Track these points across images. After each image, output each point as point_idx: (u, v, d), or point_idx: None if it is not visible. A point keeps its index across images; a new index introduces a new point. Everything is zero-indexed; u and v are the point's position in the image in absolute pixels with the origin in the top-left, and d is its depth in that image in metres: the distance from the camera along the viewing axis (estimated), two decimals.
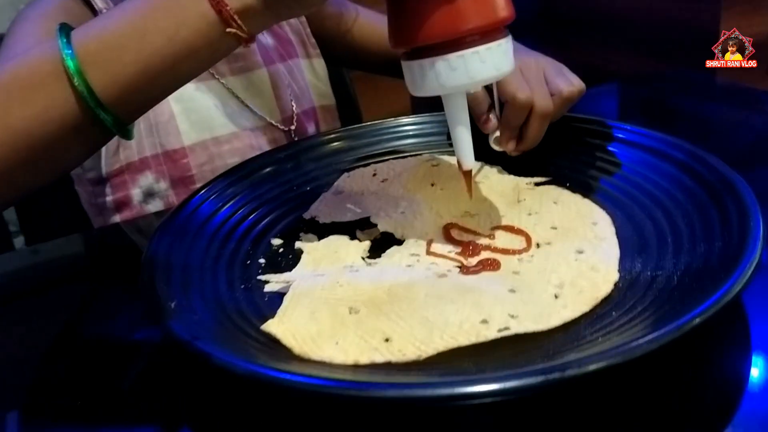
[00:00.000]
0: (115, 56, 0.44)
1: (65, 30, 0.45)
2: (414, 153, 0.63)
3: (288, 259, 0.51)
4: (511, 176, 0.58)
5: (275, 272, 0.49)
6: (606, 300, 0.42)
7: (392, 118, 0.65)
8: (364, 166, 0.63)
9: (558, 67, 0.58)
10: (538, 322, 0.40)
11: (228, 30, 0.43)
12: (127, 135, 0.47)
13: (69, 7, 0.64)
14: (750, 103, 0.71)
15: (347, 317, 0.41)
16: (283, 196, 0.59)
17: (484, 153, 0.60)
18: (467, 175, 0.49)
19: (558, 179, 0.57)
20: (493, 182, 0.58)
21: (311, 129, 0.79)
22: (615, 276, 0.44)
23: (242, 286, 0.47)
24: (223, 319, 0.43)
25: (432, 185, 0.58)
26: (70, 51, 0.43)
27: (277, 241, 0.54)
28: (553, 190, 0.56)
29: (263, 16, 0.44)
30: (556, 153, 0.59)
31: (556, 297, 0.43)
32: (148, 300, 0.42)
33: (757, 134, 0.66)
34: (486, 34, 0.43)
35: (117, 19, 0.45)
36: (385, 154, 0.64)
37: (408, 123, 0.65)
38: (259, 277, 0.48)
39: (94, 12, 0.66)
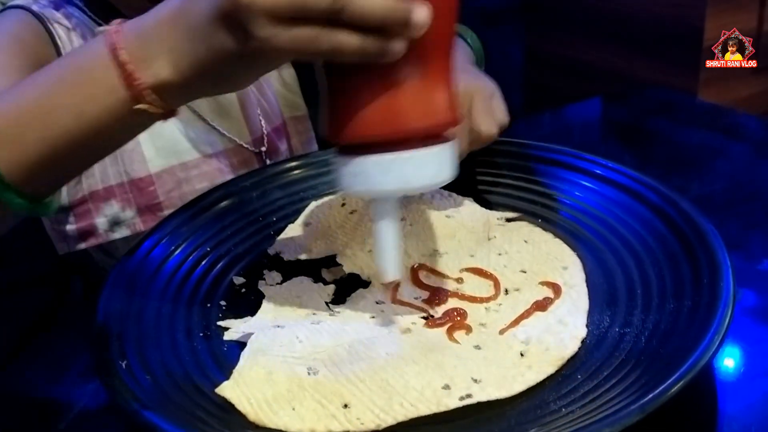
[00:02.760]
0: (17, 135, 0.40)
1: None
2: None
3: (250, 301, 0.49)
4: (483, 210, 0.57)
5: (236, 316, 0.48)
6: (573, 359, 0.41)
7: None
8: (333, 193, 0.61)
9: (490, 95, 0.56)
10: (502, 387, 0.39)
11: (137, 107, 0.39)
12: (45, 210, 0.44)
13: (22, 38, 0.60)
14: (732, 128, 0.70)
15: (305, 379, 0.40)
16: (248, 229, 0.57)
17: (457, 185, 0.59)
18: (388, 286, 0.45)
19: (529, 215, 0.56)
20: (464, 216, 0.56)
21: (283, 147, 0.76)
22: (583, 332, 0.43)
23: (201, 334, 0.46)
24: (178, 377, 0.41)
25: (402, 219, 0.56)
26: None
27: (239, 280, 0.52)
28: (525, 227, 0.54)
29: (183, 93, 0.40)
30: (527, 186, 0.58)
31: (521, 355, 0.42)
32: (98, 359, 0.40)
33: (735, 163, 0.65)
34: (426, 138, 0.39)
35: (25, 92, 0.42)
36: None
37: None
38: (219, 323, 0.47)
39: (52, 37, 0.62)
